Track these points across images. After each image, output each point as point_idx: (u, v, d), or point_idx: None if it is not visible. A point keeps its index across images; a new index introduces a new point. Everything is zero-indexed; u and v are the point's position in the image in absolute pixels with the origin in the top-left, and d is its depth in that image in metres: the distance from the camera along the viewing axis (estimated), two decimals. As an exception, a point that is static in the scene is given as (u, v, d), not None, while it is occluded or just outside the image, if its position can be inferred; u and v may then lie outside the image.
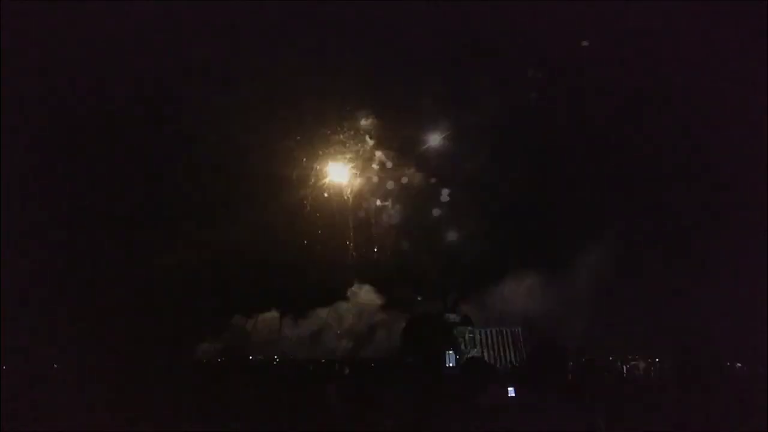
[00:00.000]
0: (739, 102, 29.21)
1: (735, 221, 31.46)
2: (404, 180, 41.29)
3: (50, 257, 31.39)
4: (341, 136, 42.66)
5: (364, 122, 41.32)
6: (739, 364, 23.91)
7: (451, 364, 36.61)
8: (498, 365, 35.89)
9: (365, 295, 39.83)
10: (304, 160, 42.63)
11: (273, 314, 38.71)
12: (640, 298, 34.49)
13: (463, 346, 38.53)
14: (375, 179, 43.09)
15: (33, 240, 30.84)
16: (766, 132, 26.79)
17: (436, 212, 40.93)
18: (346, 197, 43.94)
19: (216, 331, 37.29)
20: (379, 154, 42.34)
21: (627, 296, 34.61)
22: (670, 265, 35.01)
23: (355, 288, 40.55)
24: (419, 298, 39.84)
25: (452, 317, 40.05)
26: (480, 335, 39.29)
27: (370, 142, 41.92)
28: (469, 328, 39.51)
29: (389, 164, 41.75)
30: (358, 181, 43.99)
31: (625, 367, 32.13)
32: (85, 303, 30.97)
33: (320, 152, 43.17)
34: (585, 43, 31.71)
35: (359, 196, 43.86)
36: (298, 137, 40.90)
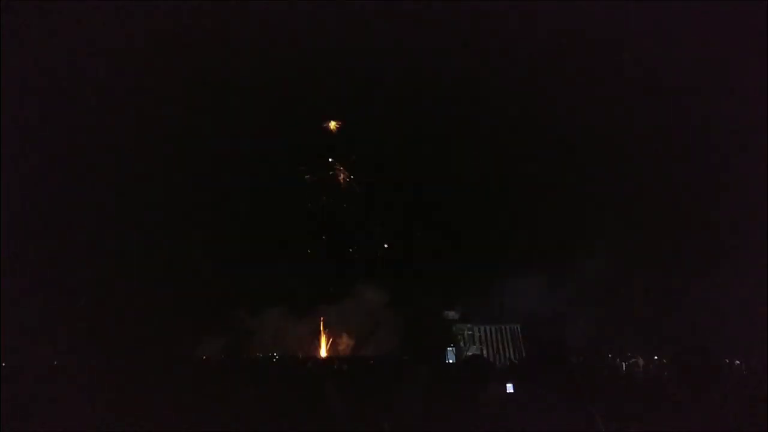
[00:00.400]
0: (740, 102, 29.24)
1: (735, 218, 31.56)
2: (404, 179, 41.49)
3: (50, 257, 31.47)
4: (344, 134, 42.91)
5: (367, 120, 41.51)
6: (737, 362, 23.92)
7: (450, 361, 36.71)
8: (497, 362, 35.98)
9: (365, 292, 39.99)
10: (307, 157, 42.87)
11: (273, 312, 38.78)
12: (640, 296, 34.60)
13: (462, 344, 38.61)
14: (376, 177, 43.30)
15: (33, 240, 30.92)
16: (766, 132, 26.80)
17: (436, 210, 41.17)
18: (347, 196, 44.14)
19: (216, 329, 37.38)
20: (381, 152, 42.50)
21: (626, 294, 34.72)
22: (670, 262, 35.12)
23: (355, 285, 40.74)
24: (419, 296, 40.01)
25: (452, 314, 40.13)
26: (479, 332, 39.39)
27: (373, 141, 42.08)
28: (469, 325, 39.60)
29: (391, 162, 41.95)
30: (359, 179, 44.18)
31: (624, 364, 32.20)
32: (85, 302, 31.06)
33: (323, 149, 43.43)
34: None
35: (360, 194, 44.06)
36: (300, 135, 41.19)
